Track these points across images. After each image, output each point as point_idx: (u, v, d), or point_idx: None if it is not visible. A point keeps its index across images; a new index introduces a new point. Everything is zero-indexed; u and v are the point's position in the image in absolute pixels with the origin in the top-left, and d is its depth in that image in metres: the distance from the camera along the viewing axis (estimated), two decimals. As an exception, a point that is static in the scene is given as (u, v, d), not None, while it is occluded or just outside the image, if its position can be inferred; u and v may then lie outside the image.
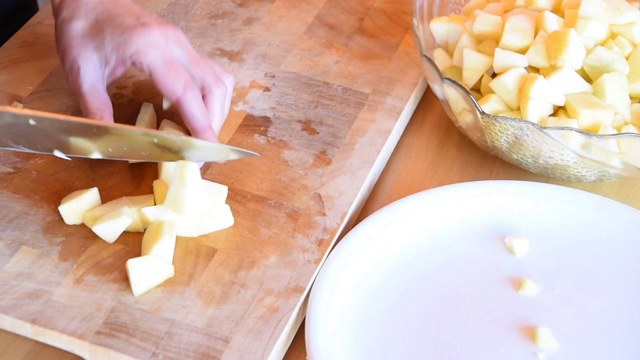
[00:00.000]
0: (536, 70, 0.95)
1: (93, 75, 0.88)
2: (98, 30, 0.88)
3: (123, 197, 0.87)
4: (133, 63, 0.87)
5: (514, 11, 0.99)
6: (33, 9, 1.23)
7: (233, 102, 0.99)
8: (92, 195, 0.87)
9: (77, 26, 0.89)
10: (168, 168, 0.88)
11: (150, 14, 0.90)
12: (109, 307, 0.80)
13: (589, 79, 0.95)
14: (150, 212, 0.85)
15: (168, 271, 0.82)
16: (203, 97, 0.89)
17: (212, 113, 0.89)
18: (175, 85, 0.86)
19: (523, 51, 0.96)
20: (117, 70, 0.90)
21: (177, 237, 0.86)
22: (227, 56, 1.04)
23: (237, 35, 1.07)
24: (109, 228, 0.84)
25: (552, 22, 0.96)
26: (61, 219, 0.86)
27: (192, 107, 0.87)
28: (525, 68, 0.95)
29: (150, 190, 0.89)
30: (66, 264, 0.83)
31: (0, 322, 0.80)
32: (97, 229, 0.84)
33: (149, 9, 1.09)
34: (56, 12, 0.92)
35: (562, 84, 0.92)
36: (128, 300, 0.81)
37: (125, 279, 0.82)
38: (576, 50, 0.93)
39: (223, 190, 0.87)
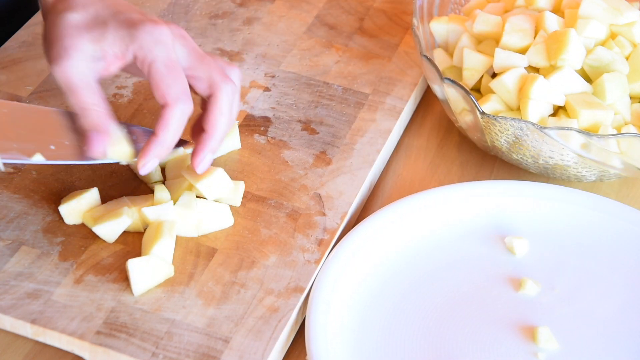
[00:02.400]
0: (536, 70, 0.95)
1: (85, 67, 0.82)
2: (99, 23, 0.83)
3: (123, 197, 0.87)
4: (134, 58, 0.82)
5: (514, 11, 0.99)
6: (33, 7, 1.23)
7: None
8: (92, 195, 0.87)
9: (74, 17, 0.83)
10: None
11: (152, 15, 0.87)
12: (109, 307, 0.80)
13: (589, 79, 0.95)
14: (150, 212, 0.85)
15: (168, 271, 0.82)
16: (210, 95, 0.85)
17: (220, 111, 0.84)
18: (169, 91, 0.82)
19: (523, 51, 0.96)
20: (112, 66, 0.84)
21: (177, 237, 0.86)
22: (227, 56, 1.04)
23: (237, 35, 1.07)
24: (109, 228, 0.84)
25: (552, 22, 0.96)
26: (61, 219, 0.86)
27: (172, 120, 0.82)
28: (525, 68, 0.95)
29: (150, 190, 0.89)
30: (66, 264, 0.83)
31: (0, 322, 0.80)
32: (97, 229, 0.84)
33: (149, 9, 1.09)
34: (49, 8, 0.86)
35: (562, 84, 0.92)
36: (128, 300, 0.81)
37: (125, 279, 0.82)
38: (576, 50, 0.93)
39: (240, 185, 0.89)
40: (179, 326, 0.79)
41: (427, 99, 1.06)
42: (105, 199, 0.88)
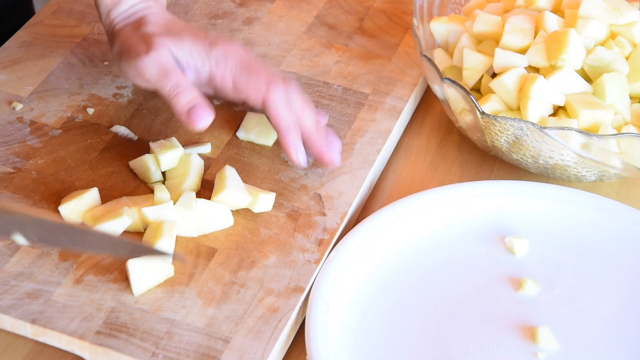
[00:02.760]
0: (536, 70, 0.95)
1: (171, 56, 0.87)
2: (174, 33, 0.88)
3: (123, 197, 0.87)
4: (212, 77, 0.88)
5: (514, 11, 0.99)
6: (29, 9, 1.23)
7: (233, 102, 0.99)
8: (92, 195, 0.86)
9: (149, 28, 0.89)
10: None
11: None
12: (109, 307, 0.80)
13: (589, 79, 0.95)
14: (150, 212, 0.85)
15: (168, 271, 0.82)
16: (263, 103, 0.88)
17: (277, 112, 0.88)
18: (259, 85, 0.86)
19: (523, 51, 0.95)
20: (186, 73, 0.89)
21: (177, 237, 0.86)
22: (227, 56, 1.04)
23: (237, 35, 1.07)
24: (109, 228, 0.84)
25: (552, 22, 0.96)
26: (61, 219, 0.86)
27: (277, 104, 0.87)
28: (525, 68, 0.94)
29: (150, 190, 0.89)
30: (66, 264, 0.83)
31: (0, 322, 0.80)
32: (97, 229, 0.84)
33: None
34: (116, 29, 0.91)
35: (562, 84, 0.92)
36: (128, 300, 0.81)
37: (125, 279, 0.82)
38: (576, 50, 0.93)
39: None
40: (179, 326, 0.79)
41: (427, 99, 1.06)
42: (105, 199, 0.88)
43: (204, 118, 0.86)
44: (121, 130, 0.95)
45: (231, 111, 0.98)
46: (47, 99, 0.97)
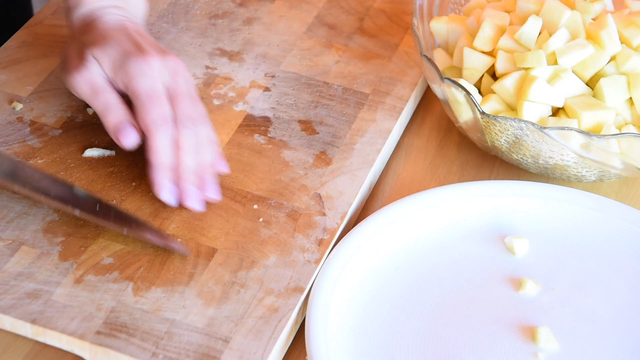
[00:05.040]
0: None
1: (101, 74, 0.88)
2: (108, 43, 0.88)
3: None
4: (126, 88, 0.87)
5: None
6: (27, 10, 1.23)
7: (233, 102, 0.99)
8: None
9: (90, 37, 0.89)
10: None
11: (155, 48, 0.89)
12: (109, 307, 0.80)
13: (588, 84, 0.95)
14: None
15: None
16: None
17: (182, 148, 0.86)
18: (149, 117, 0.85)
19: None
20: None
21: (178, 236, 0.86)
22: (227, 56, 1.04)
23: (237, 35, 1.07)
24: None
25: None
26: (61, 218, 0.86)
27: (157, 141, 0.85)
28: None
29: (148, 190, 0.89)
30: (66, 264, 0.83)
31: (0, 322, 0.80)
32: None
33: (149, 9, 1.09)
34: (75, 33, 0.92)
35: (563, 88, 0.92)
36: (128, 300, 0.81)
37: (125, 279, 0.82)
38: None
39: None
40: (179, 326, 0.79)
41: (427, 99, 1.06)
42: (105, 199, 0.88)
43: (128, 139, 0.86)
44: None
45: (232, 112, 0.98)
46: (47, 99, 0.97)
